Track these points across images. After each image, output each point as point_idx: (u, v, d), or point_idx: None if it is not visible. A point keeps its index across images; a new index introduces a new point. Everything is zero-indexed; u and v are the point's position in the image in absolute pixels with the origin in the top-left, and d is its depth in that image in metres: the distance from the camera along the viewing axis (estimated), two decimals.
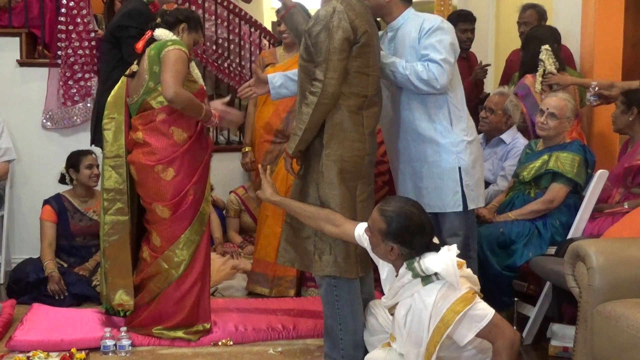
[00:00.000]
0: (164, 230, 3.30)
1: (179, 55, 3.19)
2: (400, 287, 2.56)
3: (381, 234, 2.54)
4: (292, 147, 2.92)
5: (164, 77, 3.15)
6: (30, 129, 4.79)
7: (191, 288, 3.33)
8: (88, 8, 4.74)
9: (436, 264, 2.45)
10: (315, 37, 2.82)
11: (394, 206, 2.57)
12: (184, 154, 3.26)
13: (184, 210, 3.28)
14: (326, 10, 2.84)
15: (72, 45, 4.69)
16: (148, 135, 3.26)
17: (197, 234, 3.32)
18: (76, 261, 4.22)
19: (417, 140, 3.16)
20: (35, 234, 4.27)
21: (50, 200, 4.23)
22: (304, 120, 2.84)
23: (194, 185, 3.28)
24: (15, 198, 4.78)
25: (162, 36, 3.27)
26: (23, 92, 4.81)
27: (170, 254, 3.29)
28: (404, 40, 3.15)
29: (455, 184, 3.13)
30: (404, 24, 3.18)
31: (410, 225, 2.51)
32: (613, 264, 2.62)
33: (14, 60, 4.80)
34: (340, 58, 2.81)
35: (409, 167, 3.23)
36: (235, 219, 4.95)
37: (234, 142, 5.61)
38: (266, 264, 4.19)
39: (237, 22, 5.51)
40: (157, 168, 3.24)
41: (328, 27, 2.80)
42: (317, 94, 2.80)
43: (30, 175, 4.79)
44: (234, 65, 5.44)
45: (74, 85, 4.75)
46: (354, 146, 2.91)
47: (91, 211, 4.26)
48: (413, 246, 2.51)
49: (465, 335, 2.42)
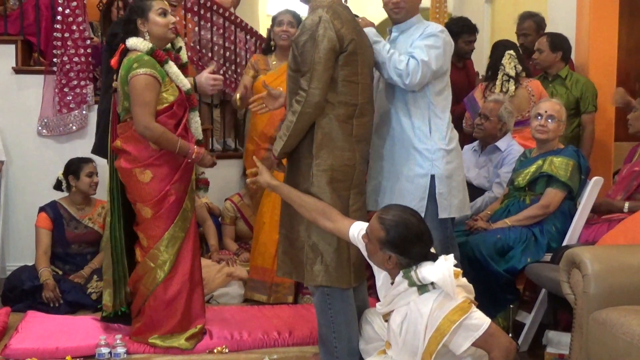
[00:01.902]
0: (148, 229, 3.31)
1: (145, 82, 3.13)
2: (396, 295, 2.56)
3: (379, 243, 2.54)
4: (277, 149, 2.95)
5: (134, 111, 3.15)
6: (25, 136, 4.78)
7: (180, 290, 3.32)
8: (84, 15, 4.74)
9: (433, 273, 2.45)
10: (302, 47, 2.83)
11: (393, 215, 2.56)
12: (161, 158, 3.24)
13: (166, 209, 3.27)
14: (312, 19, 2.83)
15: (68, 52, 4.69)
16: (125, 143, 3.28)
17: (181, 231, 3.32)
18: (71, 269, 4.22)
19: (393, 140, 3.16)
20: (31, 241, 4.26)
21: (46, 208, 4.22)
22: (288, 126, 2.87)
23: (174, 185, 3.27)
24: (10, 205, 4.77)
25: (135, 45, 3.20)
26: (19, 99, 4.80)
27: (155, 252, 3.29)
28: (405, 44, 3.15)
29: (423, 191, 3.10)
30: (411, 28, 3.19)
31: (408, 234, 2.51)
32: (608, 271, 2.63)
33: (9, 67, 4.79)
34: (325, 68, 2.80)
35: (377, 164, 3.22)
36: (230, 226, 4.94)
37: (230, 149, 5.61)
38: (264, 271, 4.19)
39: (233, 30, 5.52)
40: (135, 171, 3.25)
41: (314, 36, 2.80)
42: (301, 103, 2.82)
43: (26, 182, 4.78)
44: (229, 72, 5.45)
45: (70, 92, 4.74)
46: (344, 155, 2.91)
47: (87, 219, 4.26)
48: (411, 255, 2.51)
49: (461, 345, 2.41)
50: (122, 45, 3.23)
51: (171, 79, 3.27)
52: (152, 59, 3.18)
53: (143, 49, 3.19)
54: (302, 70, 2.83)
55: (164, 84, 3.22)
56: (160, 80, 3.19)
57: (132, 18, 3.23)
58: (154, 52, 3.21)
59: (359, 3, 9.96)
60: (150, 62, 3.16)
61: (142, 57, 3.16)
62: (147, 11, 3.21)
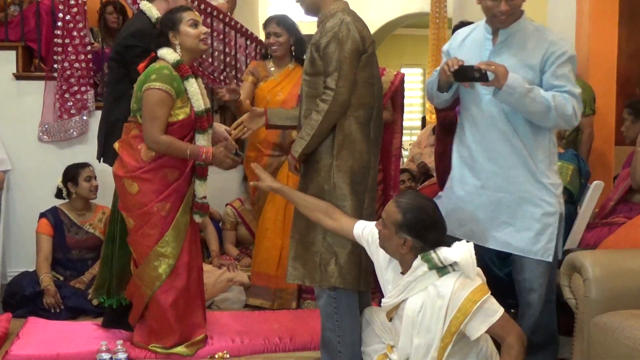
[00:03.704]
0: (133, 241, 3.29)
1: (159, 97, 3.11)
2: (412, 280, 2.55)
3: (395, 226, 2.56)
4: (298, 151, 2.92)
5: (144, 124, 3.15)
6: (26, 142, 4.78)
7: (174, 306, 3.27)
8: (84, 21, 4.74)
9: (455, 253, 2.48)
10: (325, 49, 2.85)
11: (410, 199, 2.61)
12: (148, 172, 3.20)
13: (150, 225, 3.22)
14: (333, 22, 2.87)
15: (69, 58, 4.69)
16: (121, 148, 3.27)
17: (172, 248, 3.24)
18: (72, 274, 4.22)
19: (516, 172, 2.86)
20: (31, 247, 4.26)
21: (47, 214, 4.23)
22: (313, 126, 2.86)
23: (158, 203, 3.20)
24: (11, 211, 4.76)
25: (164, 55, 3.18)
26: (19, 105, 4.80)
27: (144, 268, 3.26)
28: (516, 50, 2.86)
29: (553, 231, 2.84)
30: (519, 30, 2.88)
31: (425, 218, 2.55)
32: (609, 275, 2.63)
33: (10, 73, 4.80)
34: (350, 67, 2.85)
35: (491, 194, 2.91)
36: (231, 232, 4.94)
37: None
38: (267, 277, 4.19)
39: (233, 35, 5.52)
40: (124, 181, 3.23)
41: (337, 37, 2.84)
42: (328, 101, 2.83)
43: (27, 188, 4.77)
44: (229, 77, 5.44)
45: (70, 98, 4.74)
46: (362, 157, 2.94)
47: (87, 224, 4.26)
48: (426, 240, 2.53)
49: (478, 329, 2.44)
50: (152, 53, 3.22)
51: (188, 96, 3.22)
52: (171, 74, 3.15)
53: (170, 60, 3.17)
54: (327, 71, 2.85)
55: (179, 100, 3.18)
56: (174, 97, 3.15)
57: (164, 31, 3.22)
58: (179, 66, 3.18)
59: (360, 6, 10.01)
60: (168, 77, 3.13)
61: (162, 70, 3.14)
62: (178, 23, 3.19)
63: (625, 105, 4.05)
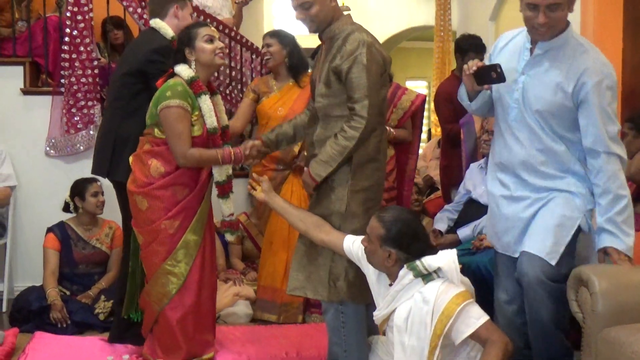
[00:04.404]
0: (143, 257, 3.29)
1: (177, 114, 3.10)
2: (400, 290, 2.62)
3: (380, 240, 2.63)
4: (321, 175, 2.91)
5: (170, 143, 3.14)
6: (33, 156, 4.81)
7: (180, 322, 3.24)
8: (91, 36, 4.77)
9: (438, 260, 2.56)
10: (348, 74, 2.84)
11: (392, 213, 2.69)
12: (157, 189, 3.18)
13: (158, 242, 3.21)
14: (352, 45, 2.85)
15: (76, 73, 4.72)
16: (134, 162, 3.27)
17: (181, 265, 3.21)
18: (79, 289, 4.22)
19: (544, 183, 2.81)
20: (38, 262, 4.27)
21: (54, 228, 4.24)
22: (341, 152, 2.85)
23: (166, 220, 3.18)
24: (18, 226, 4.78)
25: (180, 72, 3.18)
26: (26, 120, 4.83)
27: (150, 287, 3.26)
28: (551, 68, 2.74)
29: (565, 236, 2.76)
30: (559, 47, 2.74)
31: (407, 230, 2.64)
32: (616, 288, 2.62)
33: (17, 88, 4.83)
34: (378, 93, 2.87)
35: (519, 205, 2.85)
36: (237, 246, 4.94)
37: (236, 167, 5.62)
38: (273, 290, 4.19)
39: (239, 49, 5.55)
40: (136, 197, 3.22)
41: (361, 61, 2.82)
42: (360, 129, 2.82)
43: (34, 203, 4.80)
44: (235, 92, 5.48)
45: (77, 112, 4.77)
46: (374, 175, 2.96)
47: (94, 239, 4.28)
48: (410, 251, 2.61)
49: (462, 332, 2.48)
50: (170, 70, 3.23)
51: (202, 113, 3.21)
52: (185, 90, 3.14)
53: (184, 76, 3.17)
54: (353, 96, 2.84)
55: (193, 115, 3.17)
56: (190, 112, 3.16)
57: (181, 48, 3.22)
58: (193, 83, 3.17)
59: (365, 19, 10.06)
60: (183, 93, 3.13)
61: (176, 87, 3.13)
62: (193, 39, 3.19)
63: (625, 119, 4.03)
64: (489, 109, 3.02)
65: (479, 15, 7.35)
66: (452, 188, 4.95)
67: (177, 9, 3.57)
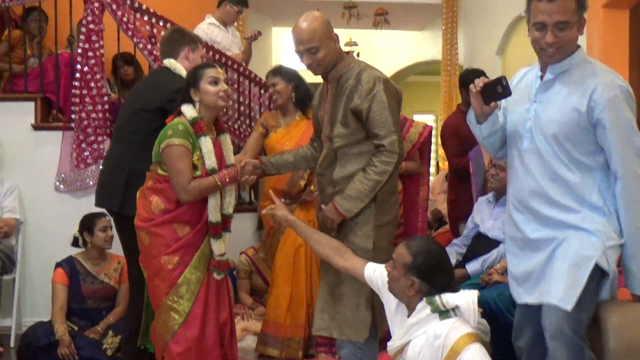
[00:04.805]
0: (149, 291, 3.29)
1: (178, 152, 3.12)
2: (415, 323, 2.58)
3: (405, 268, 2.60)
4: (352, 211, 2.95)
5: (171, 180, 3.16)
6: (43, 191, 4.84)
7: (182, 356, 3.19)
8: (102, 72, 4.83)
9: (457, 298, 2.52)
10: (368, 113, 2.90)
11: (420, 242, 2.67)
12: (158, 225, 3.19)
13: (159, 278, 3.21)
14: (368, 83, 2.92)
15: (86, 109, 4.77)
16: (138, 197, 3.29)
17: (182, 300, 3.19)
18: (87, 324, 4.21)
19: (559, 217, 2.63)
20: (47, 297, 4.27)
21: (62, 263, 4.25)
22: (374, 187, 2.92)
23: (166, 256, 3.18)
24: (26, 260, 4.79)
25: (184, 111, 3.21)
26: (37, 155, 4.88)
27: (155, 322, 3.25)
28: (562, 89, 2.62)
29: (581, 277, 2.53)
30: (570, 69, 2.64)
31: (434, 262, 2.60)
32: (627, 324, 2.60)
33: (28, 124, 4.89)
34: (400, 127, 2.97)
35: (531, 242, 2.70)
36: (245, 280, 4.94)
37: (245, 202, 5.64)
38: (277, 325, 4.17)
39: (247, 84, 5.61)
40: (140, 232, 3.24)
41: (379, 99, 2.90)
42: (392, 164, 2.90)
43: (43, 238, 4.81)
44: (244, 126, 5.51)
45: (87, 147, 4.82)
46: (395, 208, 3.05)
47: (103, 274, 4.28)
48: (433, 283, 2.57)
49: None
50: (178, 108, 3.26)
51: (201, 154, 3.21)
52: (187, 129, 3.16)
53: (188, 117, 3.20)
54: (377, 134, 2.91)
55: (195, 154, 3.19)
56: (191, 150, 3.18)
57: (187, 87, 3.25)
58: (195, 123, 3.19)
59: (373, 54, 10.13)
60: (184, 133, 3.15)
61: (177, 126, 3.16)
62: (199, 80, 3.22)
63: None
64: (501, 146, 2.90)
65: (485, 50, 7.42)
66: (460, 222, 4.94)
67: (188, 51, 3.63)
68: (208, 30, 5.63)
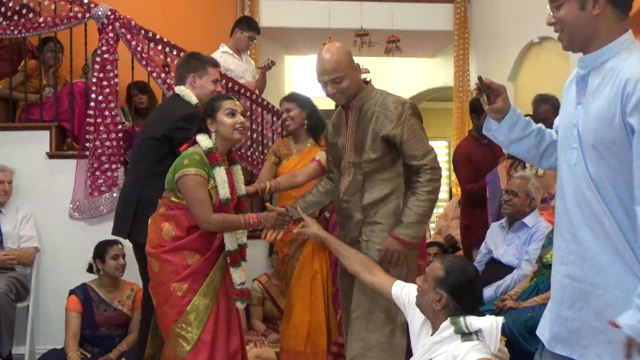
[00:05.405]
0: (158, 318, 3.28)
1: (195, 181, 3.13)
2: (438, 342, 2.55)
3: (436, 281, 2.58)
4: (418, 236, 3.02)
5: (192, 210, 3.16)
6: (57, 219, 4.86)
7: None
8: (116, 101, 4.88)
9: (481, 322, 2.49)
10: (401, 137, 2.98)
11: (456, 259, 2.68)
12: (168, 252, 3.19)
13: (168, 305, 3.20)
14: (397, 109, 3.00)
15: (100, 137, 4.81)
16: (150, 224, 3.30)
17: (191, 328, 3.18)
18: (100, 351, 4.21)
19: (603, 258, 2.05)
20: (60, 324, 4.28)
21: (76, 290, 4.26)
22: (431, 206, 3.01)
23: (175, 283, 3.18)
24: (40, 287, 4.81)
25: (200, 141, 3.23)
26: (52, 183, 4.92)
27: (165, 349, 3.24)
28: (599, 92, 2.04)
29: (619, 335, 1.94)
30: (613, 58, 2.05)
31: (465, 281, 2.57)
32: None
33: (43, 152, 4.93)
34: None
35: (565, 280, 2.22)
36: (258, 307, 4.92)
37: (257, 229, 5.62)
38: (296, 353, 4.14)
39: (260, 112, 5.64)
40: (150, 259, 3.24)
41: (410, 122, 3.01)
42: (439, 178, 3.02)
43: (56, 265, 4.83)
44: (256, 153, 5.54)
45: (101, 175, 4.84)
46: (424, 228, 3.10)
47: (116, 301, 4.28)
48: (461, 302, 2.55)
49: None
50: (193, 137, 3.27)
51: (215, 184, 3.22)
52: (202, 159, 3.18)
53: (203, 146, 3.21)
54: (418, 155, 2.99)
55: (208, 184, 3.20)
56: (207, 179, 3.19)
57: (204, 117, 3.27)
58: (210, 154, 3.20)
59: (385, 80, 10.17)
60: (200, 162, 3.16)
61: (193, 155, 3.17)
62: (216, 111, 3.24)
63: None
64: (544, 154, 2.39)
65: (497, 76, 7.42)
66: (473, 248, 4.92)
67: (193, 78, 3.69)
68: (221, 58, 5.67)
